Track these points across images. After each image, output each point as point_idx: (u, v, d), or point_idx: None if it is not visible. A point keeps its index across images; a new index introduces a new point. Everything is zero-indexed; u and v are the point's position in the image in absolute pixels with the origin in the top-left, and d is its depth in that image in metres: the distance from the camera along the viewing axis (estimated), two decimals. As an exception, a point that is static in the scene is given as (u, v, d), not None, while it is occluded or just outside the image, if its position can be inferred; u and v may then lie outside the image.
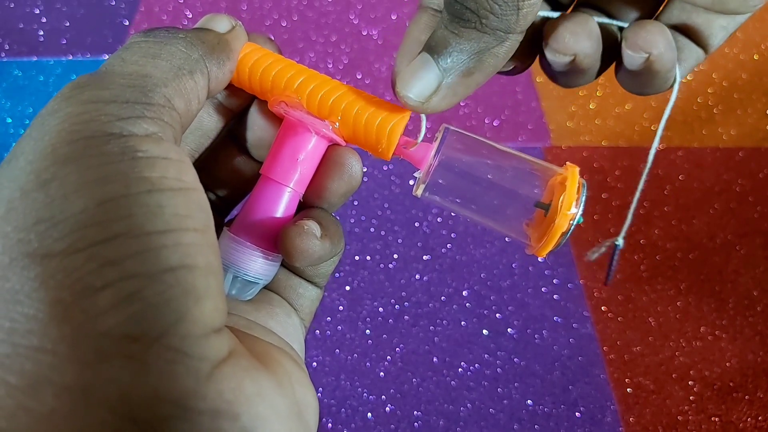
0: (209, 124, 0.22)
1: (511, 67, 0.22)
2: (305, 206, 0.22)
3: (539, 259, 0.76)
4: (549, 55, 0.19)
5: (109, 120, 0.15)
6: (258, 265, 0.20)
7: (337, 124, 0.20)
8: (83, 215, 0.13)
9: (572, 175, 0.19)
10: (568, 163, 0.20)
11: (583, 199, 0.19)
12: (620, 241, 0.25)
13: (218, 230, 0.17)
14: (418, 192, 0.21)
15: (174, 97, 0.17)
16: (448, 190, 0.21)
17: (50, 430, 0.13)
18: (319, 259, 0.19)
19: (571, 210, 0.18)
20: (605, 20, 0.21)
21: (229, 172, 0.23)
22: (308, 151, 0.20)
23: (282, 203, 0.21)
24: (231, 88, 0.21)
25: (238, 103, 0.22)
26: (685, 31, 0.22)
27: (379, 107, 0.20)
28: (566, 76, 0.20)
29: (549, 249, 0.19)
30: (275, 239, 0.20)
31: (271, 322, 0.21)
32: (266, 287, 0.22)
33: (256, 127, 0.22)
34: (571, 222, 0.19)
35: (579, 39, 0.18)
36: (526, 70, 0.22)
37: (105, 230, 0.13)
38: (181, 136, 0.17)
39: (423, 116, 0.20)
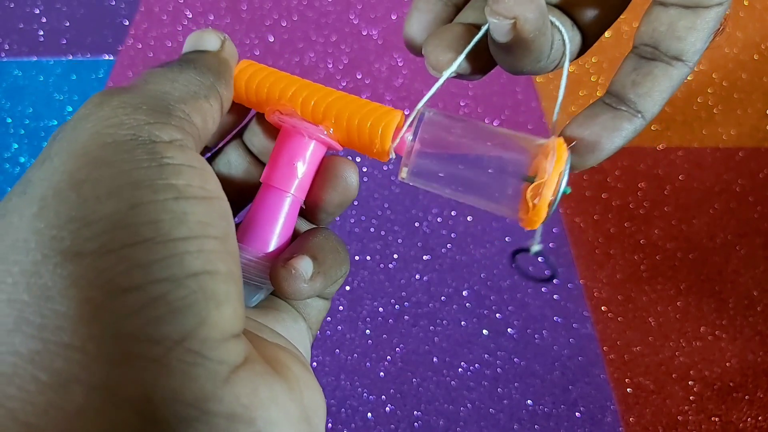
0: (222, 125, 0.23)
1: (468, 72, 0.22)
2: (306, 214, 0.22)
3: (540, 260, 0.76)
4: (490, 18, 0.18)
5: (138, 124, 0.16)
6: (261, 270, 0.20)
7: (332, 129, 0.20)
8: (115, 217, 0.14)
9: (558, 146, 0.19)
10: (553, 136, 0.20)
11: (567, 168, 0.19)
12: (537, 247, 0.25)
13: None
14: (402, 175, 0.21)
15: (192, 113, 0.17)
16: (433, 172, 0.20)
17: (79, 428, 0.13)
18: (310, 296, 0.20)
19: (553, 183, 0.18)
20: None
21: (238, 174, 0.23)
22: (305, 156, 0.21)
23: (283, 209, 0.21)
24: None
25: (240, 115, 0.23)
26: None
27: (371, 109, 0.20)
28: (511, 53, 0.19)
29: (539, 221, 0.19)
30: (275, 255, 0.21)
31: (278, 326, 0.21)
32: (274, 294, 0.22)
33: (260, 136, 0.23)
34: (557, 192, 0.18)
35: (520, 1, 0.17)
36: (483, 77, 0.22)
37: (135, 234, 0.14)
38: (199, 146, 0.18)
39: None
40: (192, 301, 0.14)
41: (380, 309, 0.72)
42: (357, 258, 0.75)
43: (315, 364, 0.67)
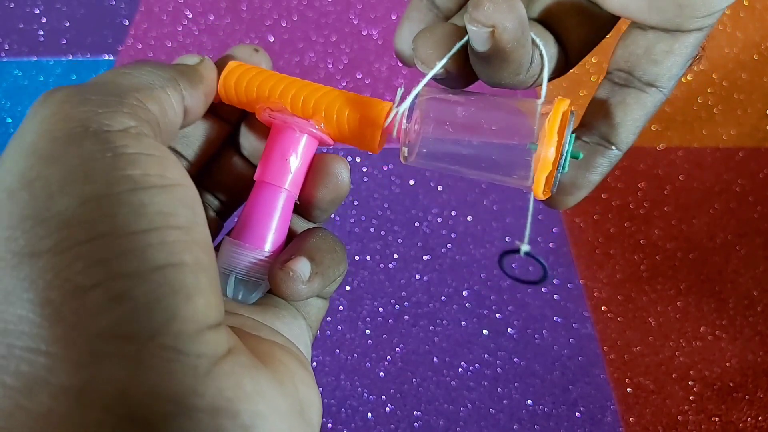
0: (212, 133, 0.22)
1: (455, 73, 0.21)
2: (301, 211, 0.22)
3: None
4: (469, 26, 0.18)
5: (86, 116, 0.15)
6: (258, 266, 0.20)
7: (322, 124, 0.21)
8: (67, 213, 0.14)
9: (556, 107, 0.18)
10: (558, 97, 0.19)
11: (570, 129, 0.18)
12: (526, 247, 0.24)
13: (220, 232, 0.17)
14: (403, 155, 0.20)
15: (146, 100, 0.17)
16: (436, 150, 0.20)
17: (47, 430, 0.13)
18: (309, 297, 0.20)
19: (553, 140, 0.17)
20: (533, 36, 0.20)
21: (230, 177, 0.23)
22: (297, 151, 0.21)
23: (277, 205, 0.21)
24: (223, 105, 0.22)
25: (236, 115, 0.23)
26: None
27: (360, 102, 0.20)
28: (489, 64, 0.19)
29: (541, 186, 0.18)
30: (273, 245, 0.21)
31: (278, 323, 0.21)
32: (273, 293, 0.22)
33: (251, 137, 0.23)
34: (562, 152, 0.18)
35: (499, 10, 0.17)
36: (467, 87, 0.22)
37: (90, 229, 0.13)
38: (162, 137, 0.17)
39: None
40: (159, 296, 0.13)
41: (380, 309, 0.72)
42: (357, 258, 0.75)
43: (315, 364, 0.67)
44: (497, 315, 0.71)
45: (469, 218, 0.79)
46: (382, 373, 0.67)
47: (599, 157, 0.21)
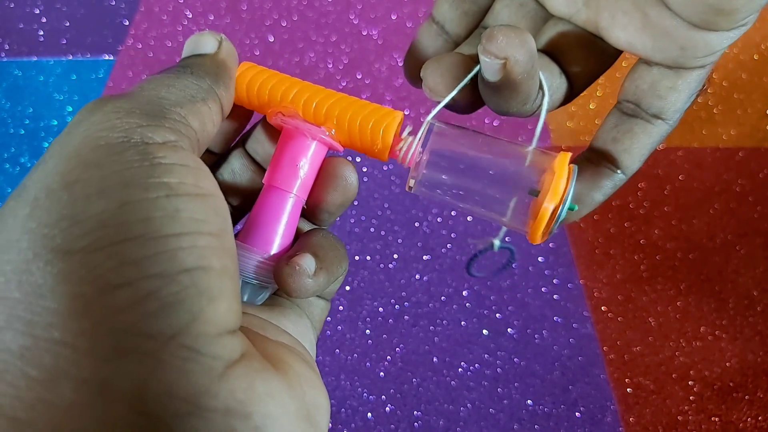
0: (221, 135, 0.23)
1: (462, 103, 0.22)
2: (308, 215, 0.23)
3: (540, 260, 0.76)
4: (482, 57, 0.18)
5: (130, 127, 0.16)
6: (266, 270, 0.21)
7: (333, 130, 0.21)
8: (105, 215, 0.14)
9: (561, 161, 0.19)
10: (561, 152, 0.20)
11: (573, 184, 0.19)
12: (497, 243, 0.25)
13: None
14: (410, 185, 0.21)
15: (188, 116, 0.18)
16: (440, 183, 0.21)
17: (68, 423, 0.13)
18: (314, 293, 0.20)
19: (558, 195, 0.18)
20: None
21: (238, 180, 0.24)
22: (307, 157, 0.21)
23: (285, 209, 0.21)
24: (233, 107, 0.22)
25: (243, 118, 0.23)
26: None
27: (372, 110, 0.21)
28: (499, 94, 0.20)
29: (539, 234, 0.19)
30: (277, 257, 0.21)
31: (284, 320, 0.21)
32: (278, 294, 0.23)
33: (261, 141, 0.23)
34: (561, 206, 0.18)
35: (511, 43, 0.18)
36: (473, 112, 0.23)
37: (125, 231, 0.14)
38: (199, 151, 0.18)
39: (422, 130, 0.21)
40: (184, 297, 0.14)
41: (380, 309, 0.72)
42: (357, 258, 0.75)
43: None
44: (497, 315, 0.71)
45: (469, 218, 0.79)
46: (382, 373, 0.67)
47: (605, 179, 0.22)
